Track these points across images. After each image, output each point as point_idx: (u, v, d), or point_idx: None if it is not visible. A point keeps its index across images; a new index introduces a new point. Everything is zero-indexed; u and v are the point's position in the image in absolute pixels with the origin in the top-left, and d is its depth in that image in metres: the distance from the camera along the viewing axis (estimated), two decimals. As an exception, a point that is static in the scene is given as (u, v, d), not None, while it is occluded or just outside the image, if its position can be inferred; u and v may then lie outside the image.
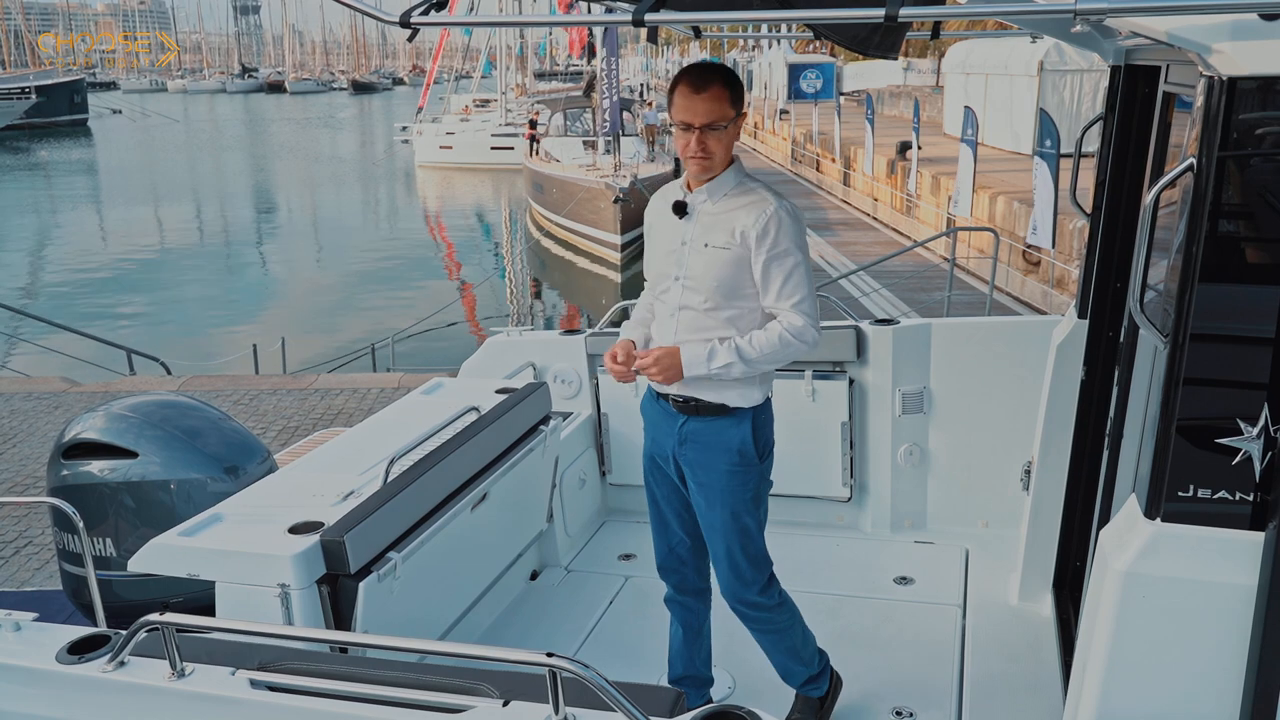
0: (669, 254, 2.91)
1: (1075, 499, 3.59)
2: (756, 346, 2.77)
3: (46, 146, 55.92)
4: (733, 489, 2.93)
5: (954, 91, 26.13)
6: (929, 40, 3.74)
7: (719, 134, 2.77)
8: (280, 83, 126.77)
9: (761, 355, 2.77)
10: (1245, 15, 1.82)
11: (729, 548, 2.96)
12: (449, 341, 14.39)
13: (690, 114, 2.75)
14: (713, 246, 2.81)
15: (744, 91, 2.86)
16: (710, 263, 2.81)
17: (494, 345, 4.79)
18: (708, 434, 2.91)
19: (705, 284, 2.82)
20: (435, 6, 2.04)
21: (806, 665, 3.19)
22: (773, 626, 3.10)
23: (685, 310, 2.86)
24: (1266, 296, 1.94)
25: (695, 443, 2.93)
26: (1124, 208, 3.29)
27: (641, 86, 57.52)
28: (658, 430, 3.06)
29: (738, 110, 2.80)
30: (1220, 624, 2.02)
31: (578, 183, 24.23)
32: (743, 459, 2.92)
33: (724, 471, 2.92)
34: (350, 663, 2.47)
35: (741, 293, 2.82)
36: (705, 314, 2.84)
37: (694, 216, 2.87)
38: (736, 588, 3.01)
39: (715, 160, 2.80)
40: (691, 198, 2.88)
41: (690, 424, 2.93)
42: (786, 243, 2.77)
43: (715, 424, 2.90)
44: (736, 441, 2.90)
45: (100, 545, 3.40)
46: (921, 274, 15.36)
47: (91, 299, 20.93)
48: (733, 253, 2.78)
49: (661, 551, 3.17)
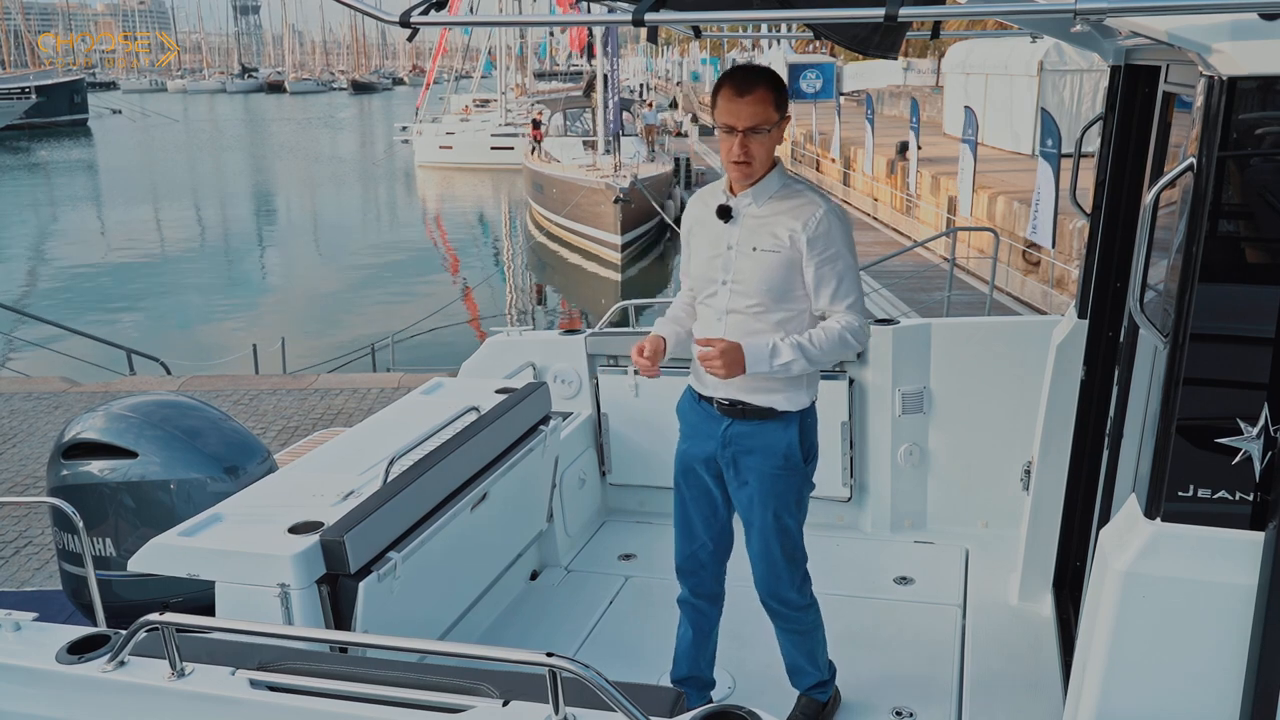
0: (714, 258, 2.90)
1: (1075, 499, 3.59)
2: (818, 343, 2.77)
3: (46, 146, 55.92)
4: (777, 492, 2.94)
5: (954, 91, 26.14)
6: (929, 40, 3.74)
7: (762, 138, 2.77)
8: (280, 83, 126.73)
9: (823, 352, 2.79)
10: (1245, 15, 1.82)
11: (768, 546, 2.98)
12: (449, 341, 14.39)
13: (734, 117, 2.75)
14: (761, 250, 2.80)
15: (788, 95, 2.87)
16: (759, 266, 2.81)
17: (494, 345, 4.79)
18: (754, 437, 2.91)
19: (754, 287, 2.82)
20: (435, 6, 2.04)
21: (819, 670, 3.22)
22: (800, 626, 3.13)
23: (733, 314, 2.86)
24: (1266, 296, 1.94)
25: (741, 446, 2.93)
26: (1124, 207, 3.29)
27: (641, 87, 57.54)
28: (697, 433, 3.03)
29: (781, 114, 2.80)
30: (1220, 624, 2.02)
31: (578, 183, 24.23)
32: (788, 462, 2.93)
33: (769, 475, 2.92)
34: (350, 663, 2.47)
35: (791, 295, 2.82)
36: (754, 317, 2.84)
37: (739, 220, 2.86)
38: (773, 584, 3.04)
39: (757, 164, 2.80)
40: (735, 201, 2.87)
41: (736, 427, 2.93)
42: (838, 245, 2.78)
43: (762, 427, 2.91)
44: (783, 445, 2.91)
45: (100, 545, 3.40)
46: (921, 274, 15.36)
47: (91, 299, 20.94)
48: (782, 255, 2.79)
49: (683, 554, 3.16)
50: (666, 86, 75.80)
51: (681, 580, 3.20)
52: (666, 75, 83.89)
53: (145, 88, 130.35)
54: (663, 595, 4.08)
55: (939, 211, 19.36)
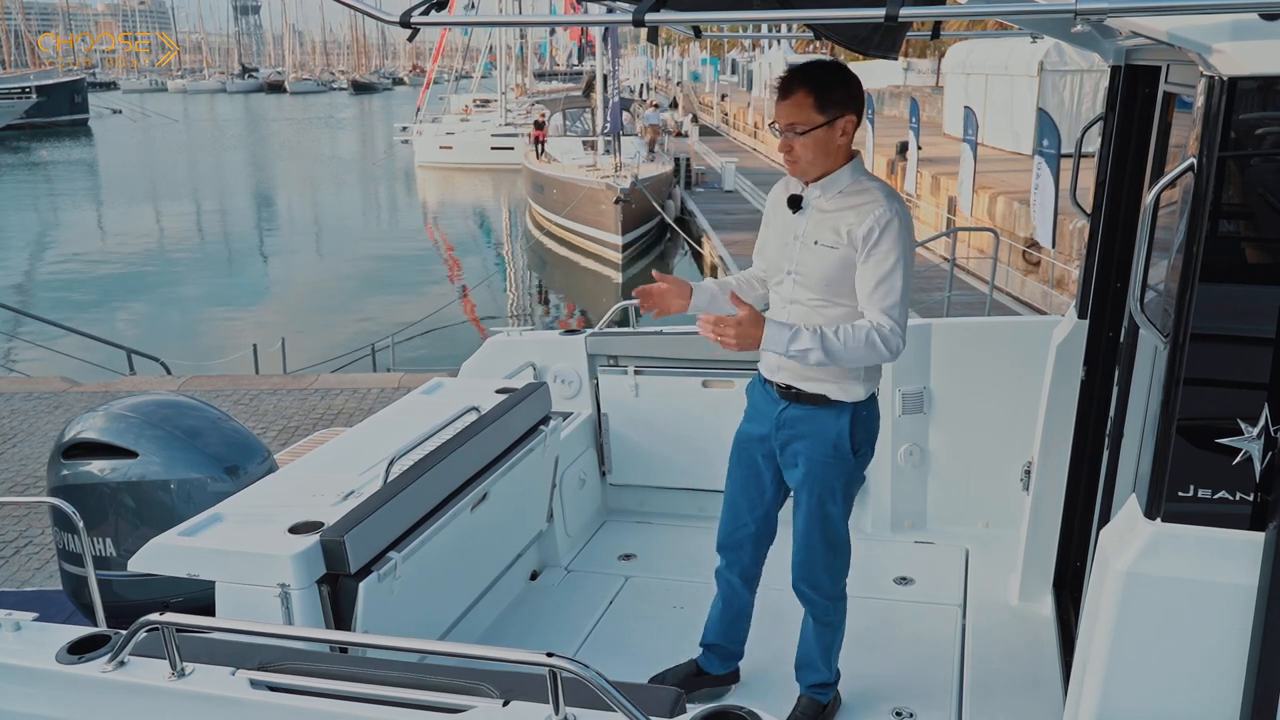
0: (783, 247, 2.96)
1: (1075, 499, 3.59)
2: (841, 338, 2.74)
3: (47, 146, 55.92)
4: (823, 479, 2.98)
5: (954, 92, 26.15)
6: (929, 40, 3.74)
7: (803, 138, 2.80)
8: (280, 83, 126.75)
9: (844, 349, 2.74)
10: (1246, 15, 1.82)
11: (809, 530, 3.04)
12: (449, 341, 14.40)
13: (776, 115, 2.85)
14: (822, 245, 2.83)
15: (847, 93, 2.81)
16: (818, 261, 2.84)
17: (494, 345, 4.79)
18: (805, 423, 2.96)
19: (814, 281, 2.86)
20: (435, 6, 2.04)
21: (828, 670, 3.23)
22: (828, 617, 3.16)
23: (796, 305, 2.92)
24: (1267, 296, 1.94)
25: (792, 430, 2.99)
26: (1124, 208, 3.29)
27: (641, 87, 57.53)
28: (757, 412, 3.11)
29: (831, 114, 2.78)
30: (1220, 624, 2.02)
31: (578, 183, 24.23)
32: (837, 451, 2.96)
33: (818, 461, 2.97)
34: (350, 663, 2.47)
35: (849, 292, 2.84)
36: (814, 310, 2.87)
37: (807, 212, 2.90)
38: (809, 568, 3.09)
39: (802, 162, 2.84)
40: (807, 193, 2.92)
41: (790, 410, 2.98)
42: (888, 246, 2.76)
43: (814, 414, 2.95)
44: (833, 434, 2.95)
45: (100, 545, 3.40)
46: (921, 274, 15.32)
47: (92, 299, 20.94)
48: (840, 252, 2.80)
49: (726, 530, 3.25)
50: (667, 86, 75.84)
51: (721, 554, 3.29)
52: (667, 75, 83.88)
53: (145, 88, 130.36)
54: (663, 595, 4.08)
55: (939, 212, 19.36)
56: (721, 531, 3.27)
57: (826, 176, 2.86)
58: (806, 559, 3.08)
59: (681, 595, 4.06)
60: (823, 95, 2.77)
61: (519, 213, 31.11)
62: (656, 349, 4.61)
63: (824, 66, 2.84)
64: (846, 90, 2.80)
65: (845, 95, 2.80)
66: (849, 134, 2.83)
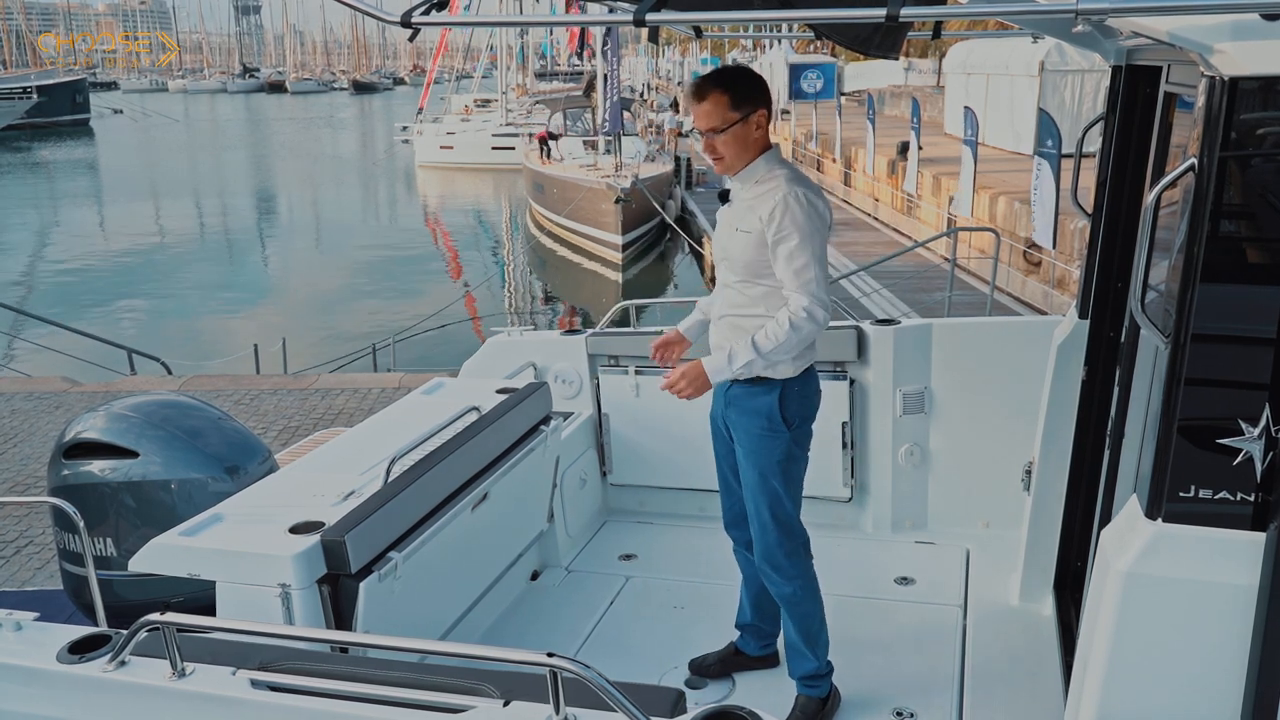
0: (718, 237, 3.22)
1: (1076, 499, 3.59)
2: (771, 338, 2.94)
3: (48, 146, 55.95)
4: (761, 450, 3.14)
5: (955, 91, 26.13)
6: (930, 40, 3.74)
7: (724, 137, 3.00)
8: (281, 83, 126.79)
9: (777, 345, 2.94)
10: (1246, 15, 1.82)
11: (758, 507, 3.18)
12: (450, 341, 14.40)
13: (694, 120, 3.06)
14: (740, 230, 3.05)
15: (754, 90, 3.01)
16: (739, 245, 3.05)
17: (495, 345, 4.79)
18: (743, 399, 3.15)
19: (737, 265, 3.07)
20: (436, 6, 2.04)
21: (815, 657, 3.24)
22: (793, 599, 3.23)
23: (725, 288, 3.15)
24: (1267, 297, 1.94)
25: (735, 407, 3.18)
26: (1125, 208, 3.29)
27: (643, 87, 57.50)
28: (716, 395, 3.28)
29: (744, 111, 2.98)
30: (1221, 625, 2.02)
31: (578, 183, 24.23)
32: (770, 424, 3.12)
33: (755, 434, 3.14)
34: (351, 663, 2.48)
35: (766, 271, 3.02)
36: (738, 291, 3.10)
37: (733, 203, 3.15)
38: (765, 546, 3.20)
39: (728, 159, 3.04)
40: (733, 185, 3.15)
41: (733, 389, 3.16)
42: (789, 227, 2.93)
43: (749, 390, 3.13)
44: (765, 408, 3.11)
45: (101, 545, 3.40)
46: (922, 274, 15.36)
47: (93, 298, 20.95)
48: (754, 236, 3.00)
49: (726, 507, 3.42)
50: (668, 87, 75.82)
51: (729, 533, 3.45)
52: (667, 75, 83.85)
53: (146, 87, 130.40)
54: (663, 595, 4.08)
55: (940, 212, 19.36)
56: (724, 510, 3.43)
57: (745, 169, 3.06)
58: (761, 537, 3.21)
59: (682, 595, 4.06)
60: (735, 93, 2.97)
61: (519, 213, 31.11)
62: None
63: (732, 70, 3.06)
64: (754, 87, 3.02)
65: (754, 91, 3.01)
66: (763, 127, 3.04)
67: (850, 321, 4.50)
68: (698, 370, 2.99)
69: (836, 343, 4.36)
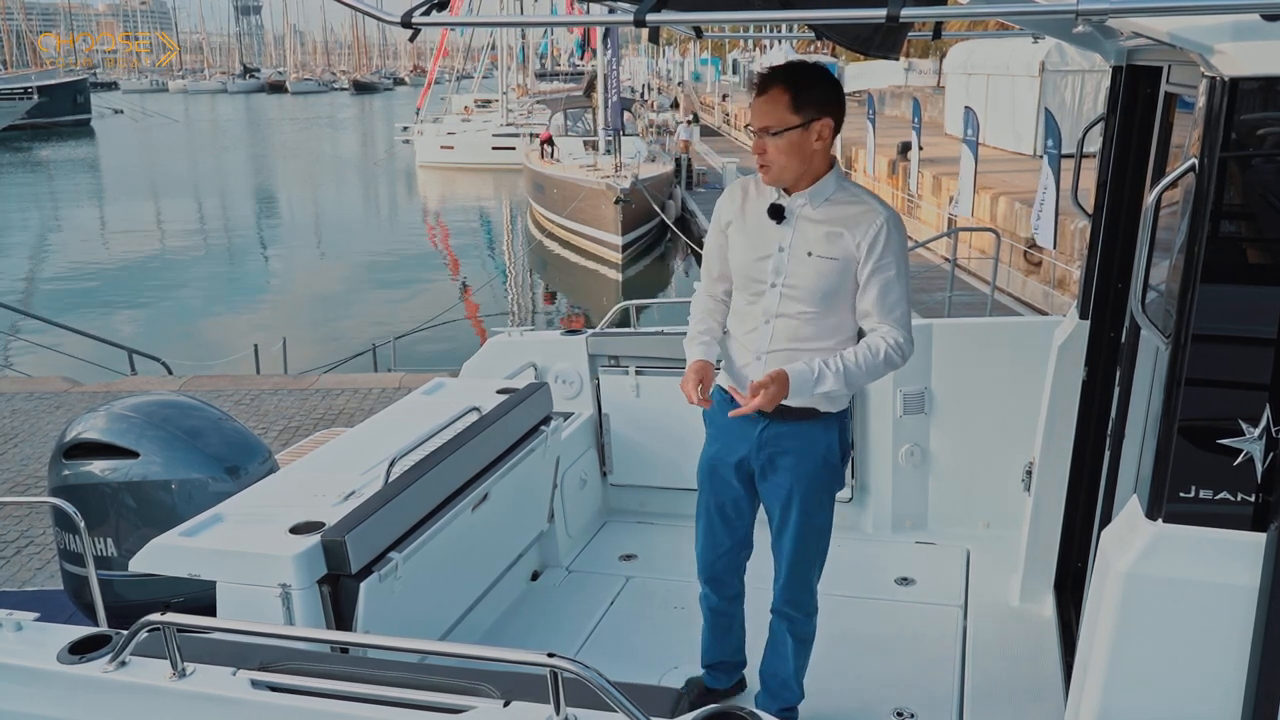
0: (762, 259, 2.80)
1: (1076, 500, 3.59)
2: (863, 366, 2.69)
3: (49, 146, 55.95)
4: (814, 492, 2.89)
5: (955, 92, 26.14)
6: (931, 40, 3.74)
7: (776, 140, 2.69)
8: (281, 83, 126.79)
9: (868, 374, 2.73)
10: (1247, 16, 1.82)
11: (800, 547, 2.93)
12: (450, 341, 14.40)
13: (751, 115, 2.73)
14: (817, 256, 2.73)
15: (826, 96, 2.71)
16: (814, 272, 2.73)
17: (495, 345, 4.79)
18: (793, 439, 2.84)
19: (809, 294, 2.75)
20: (436, 6, 2.04)
21: (799, 690, 3.17)
22: (806, 632, 3.09)
23: (782, 318, 2.78)
24: (1268, 297, 1.94)
25: (779, 447, 2.86)
26: (1125, 208, 3.29)
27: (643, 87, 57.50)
28: (729, 436, 2.94)
29: (807, 116, 2.67)
30: (1222, 625, 2.01)
31: (579, 183, 24.23)
32: (827, 464, 2.88)
33: (806, 476, 2.87)
34: (351, 663, 2.48)
35: (845, 303, 2.77)
36: (805, 323, 2.77)
37: (792, 222, 2.77)
38: (795, 589, 3.00)
39: (774, 167, 2.72)
40: (789, 201, 2.78)
41: (774, 428, 2.84)
42: (892, 255, 2.71)
43: (802, 429, 2.83)
44: (823, 447, 2.85)
45: (101, 545, 3.40)
46: (923, 274, 15.34)
47: (93, 299, 20.95)
48: (840, 263, 2.72)
49: (707, 559, 3.12)
50: (668, 87, 75.84)
51: (706, 584, 3.18)
52: (667, 75, 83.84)
53: (146, 88, 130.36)
54: (664, 596, 4.08)
55: (940, 212, 19.36)
56: (702, 561, 3.13)
57: (813, 185, 2.76)
58: (793, 580, 2.98)
59: (682, 595, 4.05)
60: (799, 95, 2.67)
61: (520, 213, 31.11)
62: (657, 349, 4.61)
63: (805, 67, 2.74)
64: (825, 93, 2.70)
65: (823, 97, 2.69)
66: (825, 139, 2.72)
67: None
68: (784, 380, 2.63)
69: None
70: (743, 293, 2.89)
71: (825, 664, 3.53)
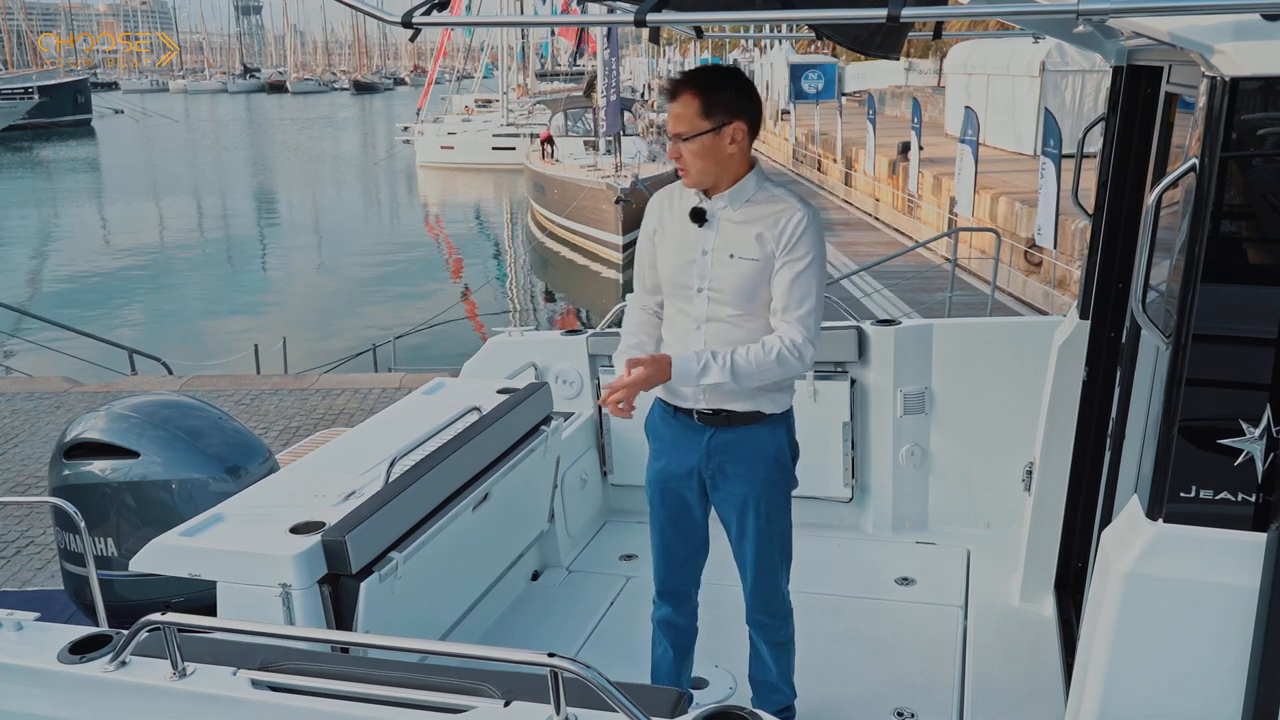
0: (687, 264, 2.78)
1: (1077, 500, 3.59)
2: (754, 363, 2.65)
3: (50, 146, 55.95)
4: (770, 496, 2.86)
5: (955, 92, 26.12)
6: (931, 40, 3.74)
7: (689, 144, 2.66)
8: (282, 83, 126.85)
9: (758, 371, 2.66)
10: (1248, 16, 1.82)
11: (763, 553, 2.90)
12: (450, 342, 14.40)
13: (667, 120, 2.72)
14: (739, 257, 2.70)
15: (734, 98, 2.67)
16: (736, 274, 2.71)
17: (495, 345, 4.79)
18: (742, 444, 2.83)
19: (734, 296, 2.72)
20: (437, 6, 2.04)
21: (790, 689, 3.14)
22: (783, 636, 3.07)
23: (713, 323, 2.76)
24: (1268, 297, 1.94)
25: (729, 454, 2.84)
26: (1126, 208, 3.29)
27: (644, 87, 57.47)
28: (675, 448, 2.93)
29: (717, 120, 2.64)
30: (1222, 625, 2.01)
31: (579, 183, 24.24)
32: (779, 465, 2.86)
33: (761, 480, 2.84)
34: (351, 663, 2.48)
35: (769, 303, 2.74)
36: (734, 326, 2.74)
37: (714, 224, 2.75)
38: (765, 597, 2.96)
39: (692, 171, 2.70)
40: (710, 204, 2.76)
41: (721, 435, 2.83)
42: (806, 250, 2.67)
43: (750, 433, 2.81)
44: (773, 449, 2.84)
45: (102, 545, 3.40)
46: (923, 274, 15.35)
47: (94, 299, 20.95)
48: (760, 263, 2.69)
49: (663, 574, 3.08)
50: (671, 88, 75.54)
51: (665, 601, 3.12)
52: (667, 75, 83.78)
53: (146, 88, 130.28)
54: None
55: (941, 212, 19.36)
56: (660, 578, 3.08)
57: (732, 187, 2.72)
58: (762, 587, 2.93)
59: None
60: (708, 100, 2.63)
61: (520, 213, 31.11)
62: None
63: (715, 71, 2.71)
64: (736, 96, 2.66)
65: (734, 101, 2.66)
66: (740, 142, 2.68)
67: (851, 321, 4.50)
68: (666, 364, 2.64)
69: (837, 343, 4.36)
70: (673, 299, 2.87)
71: (825, 664, 3.54)
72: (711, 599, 3.43)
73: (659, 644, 3.20)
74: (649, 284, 2.97)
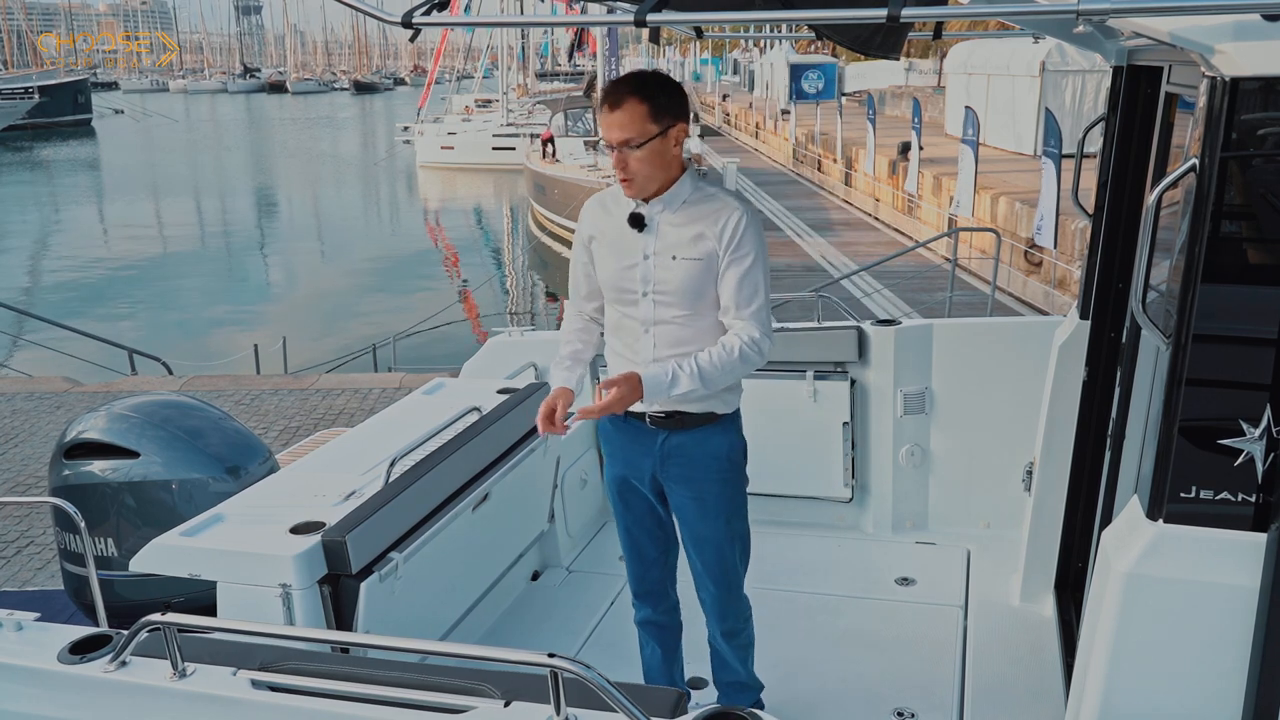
0: (629, 269, 2.78)
1: (1077, 500, 3.59)
2: (718, 365, 2.66)
3: (50, 146, 55.99)
4: (726, 496, 2.87)
5: (956, 92, 26.12)
6: (931, 40, 3.74)
7: (638, 153, 2.64)
8: (282, 83, 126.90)
9: (724, 373, 2.68)
10: (1248, 16, 1.82)
11: (723, 556, 2.91)
12: (450, 342, 14.40)
13: (605, 131, 2.68)
14: (682, 258, 2.71)
15: (675, 101, 2.69)
16: (683, 274, 2.71)
17: (495, 345, 4.79)
18: (694, 445, 2.83)
19: (680, 297, 2.73)
20: (437, 7, 2.04)
21: (756, 683, 3.14)
22: (748, 638, 3.07)
23: (661, 325, 2.77)
24: (1268, 297, 1.94)
25: (682, 456, 2.84)
26: (1126, 208, 3.29)
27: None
28: (629, 453, 2.93)
29: (664, 124, 2.65)
30: (1222, 625, 2.01)
31: (579, 183, 24.25)
32: (731, 464, 2.87)
33: (715, 480, 2.85)
34: (351, 663, 2.48)
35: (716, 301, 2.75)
36: (681, 326, 2.75)
37: (654, 228, 2.75)
38: (725, 594, 2.96)
39: (639, 178, 2.68)
40: (648, 209, 2.75)
41: (674, 439, 2.83)
42: (748, 246, 2.69)
43: (702, 434, 2.82)
44: (725, 448, 2.85)
45: (102, 545, 3.40)
46: (923, 274, 15.35)
47: (94, 299, 20.96)
48: (704, 262, 2.70)
49: (636, 576, 3.09)
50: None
51: (643, 603, 3.13)
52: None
53: (146, 88, 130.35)
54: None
55: (941, 212, 19.36)
56: (634, 580, 3.09)
57: (668, 190, 2.73)
58: (723, 591, 2.94)
59: (682, 595, 4.05)
60: (654, 103, 2.63)
61: (520, 213, 31.12)
62: None
63: (652, 75, 2.71)
64: (673, 97, 2.68)
65: (673, 102, 2.68)
66: (681, 143, 2.72)
67: (851, 322, 4.50)
68: (635, 383, 2.61)
69: (837, 343, 4.36)
70: (615, 305, 2.86)
71: (825, 664, 3.54)
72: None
73: (646, 645, 3.21)
74: (584, 291, 2.97)
